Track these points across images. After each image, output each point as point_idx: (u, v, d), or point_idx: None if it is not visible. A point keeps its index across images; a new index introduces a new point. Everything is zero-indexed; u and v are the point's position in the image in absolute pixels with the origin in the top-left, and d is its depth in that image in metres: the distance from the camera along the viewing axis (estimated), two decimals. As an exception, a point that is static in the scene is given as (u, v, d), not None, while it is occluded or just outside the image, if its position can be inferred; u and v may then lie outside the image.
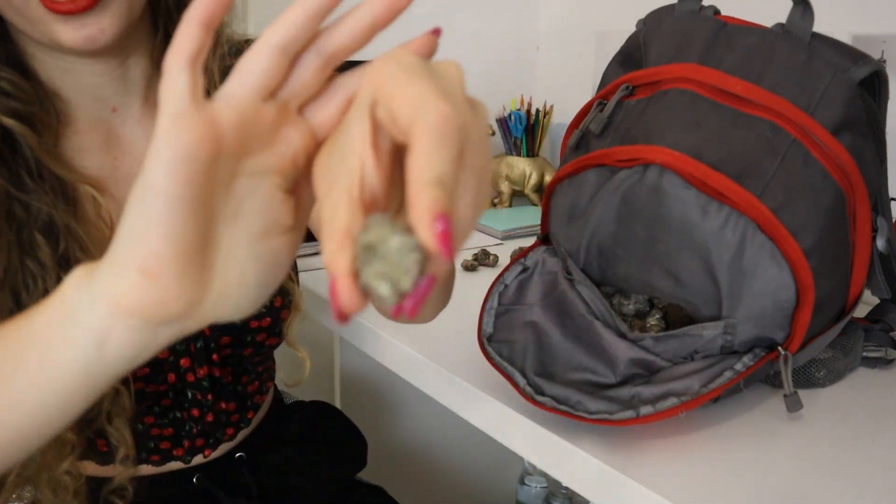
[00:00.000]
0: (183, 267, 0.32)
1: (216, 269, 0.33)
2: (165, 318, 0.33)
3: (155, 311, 0.33)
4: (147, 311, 0.32)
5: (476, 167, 0.29)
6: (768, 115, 0.60)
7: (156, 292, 0.32)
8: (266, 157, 0.33)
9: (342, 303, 0.28)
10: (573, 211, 0.67)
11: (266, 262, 0.35)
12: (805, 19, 0.63)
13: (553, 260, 0.72)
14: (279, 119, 0.33)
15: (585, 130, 0.69)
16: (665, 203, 0.59)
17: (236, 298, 0.34)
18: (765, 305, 0.59)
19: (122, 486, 0.68)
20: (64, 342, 0.34)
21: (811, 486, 0.54)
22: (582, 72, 1.50)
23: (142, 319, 0.33)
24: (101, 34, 0.55)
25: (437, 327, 0.83)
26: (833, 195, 0.60)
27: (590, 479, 0.57)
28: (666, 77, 0.65)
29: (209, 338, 0.71)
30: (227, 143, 0.32)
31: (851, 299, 0.67)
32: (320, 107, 0.35)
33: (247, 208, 0.33)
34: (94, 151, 0.66)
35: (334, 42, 0.34)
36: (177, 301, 0.32)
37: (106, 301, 0.33)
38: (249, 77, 0.32)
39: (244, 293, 0.35)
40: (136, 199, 0.32)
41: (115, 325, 0.33)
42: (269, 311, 0.74)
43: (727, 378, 0.59)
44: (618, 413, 0.57)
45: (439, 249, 0.26)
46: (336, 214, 0.29)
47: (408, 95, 0.28)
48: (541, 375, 0.60)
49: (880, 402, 0.67)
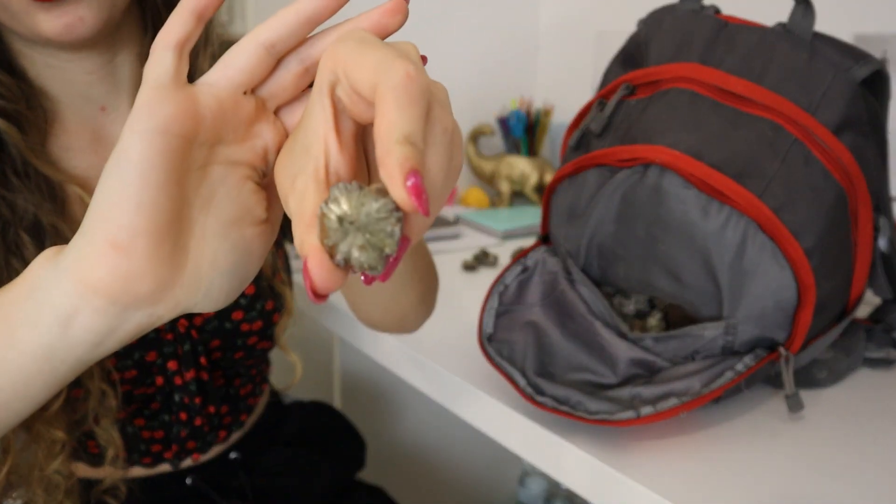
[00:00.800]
0: (154, 244, 0.32)
1: (188, 253, 0.33)
2: (133, 299, 0.32)
3: (123, 289, 0.32)
4: (114, 289, 0.32)
5: (444, 125, 0.29)
6: (769, 115, 0.60)
7: (124, 267, 0.31)
8: (239, 149, 0.34)
9: (317, 282, 0.28)
10: (573, 211, 0.67)
11: (239, 250, 0.35)
12: (806, 18, 0.62)
13: (553, 260, 0.72)
14: (255, 114, 0.34)
15: (586, 130, 0.69)
16: (665, 203, 0.59)
17: (208, 286, 0.34)
18: (766, 305, 0.59)
19: (114, 486, 0.68)
20: (27, 321, 0.33)
21: (812, 486, 0.54)
22: (582, 72, 1.50)
23: (108, 299, 0.32)
24: (80, 22, 0.55)
25: (437, 327, 0.83)
26: (834, 195, 0.60)
27: (590, 479, 0.57)
28: (666, 77, 0.65)
29: (197, 341, 0.71)
30: (205, 126, 0.32)
31: (853, 299, 0.66)
32: (294, 111, 0.35)
33: (219, 195, 0.34)
34: (82, 151, 0.66)
35: (319, 52, 0.34)
36: (145, 280, 0.32)
37: (72, 278, 0.32)
38: (232, 69, 0.33)
39: (217, 281, 0.34)
40: (109, 170, 0.31)
41: (81, 304, 0.32)
42: (261, 314, 0.73)
43: (728, 378, 0.59)
44: (618, 413, 0.57)
45: (414, 203, 0.26)
46: (304, 198, 0.29)
47: (368, 63, 0.28)
48: (541, 375, 0.60)
49: (882, 402, 0.67)
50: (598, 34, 1.47)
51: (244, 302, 0.72)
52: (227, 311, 0.71)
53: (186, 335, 0.70)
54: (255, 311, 0.73)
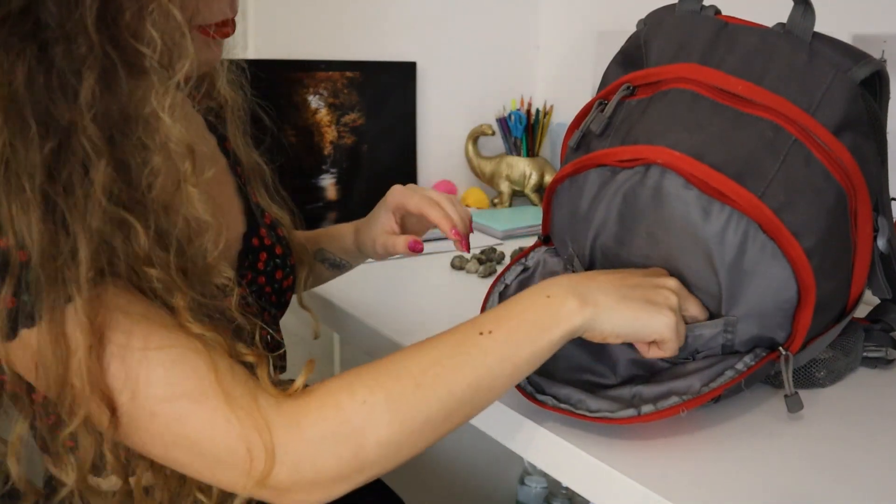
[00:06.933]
0: None
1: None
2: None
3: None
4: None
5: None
6: (769, 115, 0.60)
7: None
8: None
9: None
10: (575, 212, 0.67)
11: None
12: (806, 19, 0.62)
13: (554, 260, 0.72)
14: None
15: (586, 130, 0.69)
16: (667, 204, 0.59)
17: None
18: (766, 305, 0.59)
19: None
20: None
21: (811, 486, 0.54)
22: (582, 72, 1.50)
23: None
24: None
25: (437, 326, 0.83)
26: (834, 195, 0.60)
27: (590, 479, 0.57)
28: (667, 77, 0.65)
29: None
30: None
31: (852, 299, 0.67)
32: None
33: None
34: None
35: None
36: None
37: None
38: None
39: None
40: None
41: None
42: (292, 270, 0.78)
43: (728, 377, 0.59)
44: (619, 411, 0.57)
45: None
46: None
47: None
48: (541, 375, 0.60)
49: (881, 402, 0.67)
50: (598, 34, 1.47)
51: (279, 261, 0.74)
52: (273, 271, 0.74)
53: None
54: (288, 267, 0.76)
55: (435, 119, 1.49)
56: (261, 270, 0.72)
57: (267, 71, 1.26)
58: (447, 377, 0.52)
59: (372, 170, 1.40)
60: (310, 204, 1.34)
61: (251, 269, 0.71)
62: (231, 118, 0.77)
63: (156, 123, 0.49)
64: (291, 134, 1.31)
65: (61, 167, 0.46)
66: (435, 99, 1.48)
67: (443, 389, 0.52)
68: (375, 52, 1.38)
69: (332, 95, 1.34)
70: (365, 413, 0.49)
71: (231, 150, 0.77)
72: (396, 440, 0.50)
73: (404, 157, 1.45)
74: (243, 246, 0.71)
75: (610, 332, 0.55)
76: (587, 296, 0.55)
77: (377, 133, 1.40)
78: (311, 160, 1.33)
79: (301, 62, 1.30)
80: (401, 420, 0.50)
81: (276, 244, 0.74)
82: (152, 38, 0.48)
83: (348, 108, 1.36)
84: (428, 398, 0.51)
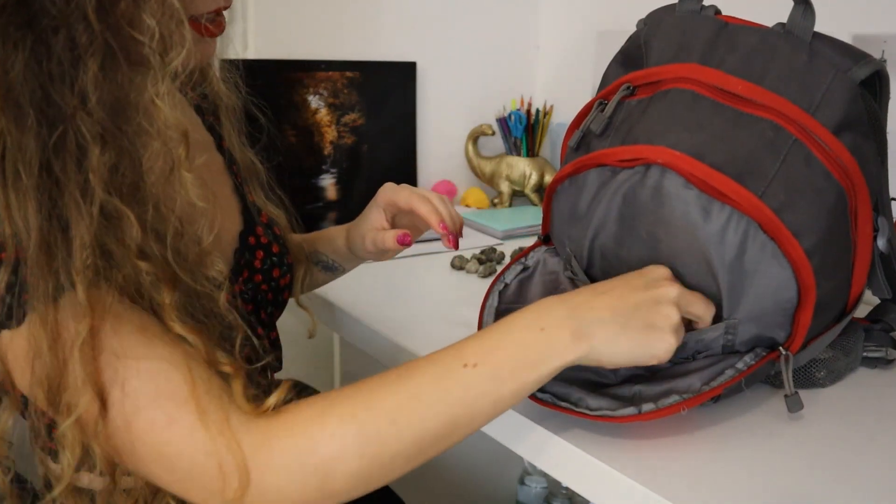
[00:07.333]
0: None
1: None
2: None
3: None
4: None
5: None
6: (770, 115, 0.60)
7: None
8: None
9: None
10: (575, 212, 0.67)
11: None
12: (806, 19, 0.62)
13: (554, 260, 0.72)
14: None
15: (586, 130, 0.69)
16: (667, 203, 0.59)
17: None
18: (766, 305, 0.59)
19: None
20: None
21: (811, 486, 0.54)
22: (582, 72, 1.50)
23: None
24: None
25: (437, 326, 0.83)
26: (835, 195, 0.60)
27: (590, 478, 0.57)
28: (667, 77, 0.65)
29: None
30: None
31: (852, 299, 0.67)
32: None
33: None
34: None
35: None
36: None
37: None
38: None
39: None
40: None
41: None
42: (289, 268, 0.77)
43: (728, 376, 0.59)
44: (619, 410, 0.57)
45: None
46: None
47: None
48: (542, 375, 0.60)
49: (880, 402, 0.67)
50: (598, 34, 1.47)
51: (276, 259, 0.74)
52: (270, 269, 0.74)
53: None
54: (285, 265, 0.76)
55: (435, 119, 1.49)
56: (258, 269, 0.72)
57: (267, 71, 1.26)
58: (424, 413, 0.51)
59: (372, 170, 1.40)
60: (310, 204, 1.34)
61: (248, 268, 0.71)
62: (226, 118, 0.77)
63: (153, 111, 0.49)
64: (291, 134, 1.31)
65: (59, 156, 0.46)
66: (435, 99, 1.48)
67: (418, 426, 0.50)
68: (375, 52, 1.38)
69: (332, 95, 1.34)
70: (335, 446, 0.49)
71: (227, 149, 0.77)
72: (366, 473, 0.50)
73: (404, 157, 1.45)
74: (240, 244, 0.71)
75: (607, 362, 0.54)
76: (583, 329, 0.53)
77: (377, 133, 1.40)
78: (311, 160, 1.34)
79: (301, 62, 1.30)
80: (371, 454, 0.49)
81: (272, 242, 0.74)
82: (149, 26, 0.48)
83: (348, 108, 1.36)
84: (402, 434, 0.50)
